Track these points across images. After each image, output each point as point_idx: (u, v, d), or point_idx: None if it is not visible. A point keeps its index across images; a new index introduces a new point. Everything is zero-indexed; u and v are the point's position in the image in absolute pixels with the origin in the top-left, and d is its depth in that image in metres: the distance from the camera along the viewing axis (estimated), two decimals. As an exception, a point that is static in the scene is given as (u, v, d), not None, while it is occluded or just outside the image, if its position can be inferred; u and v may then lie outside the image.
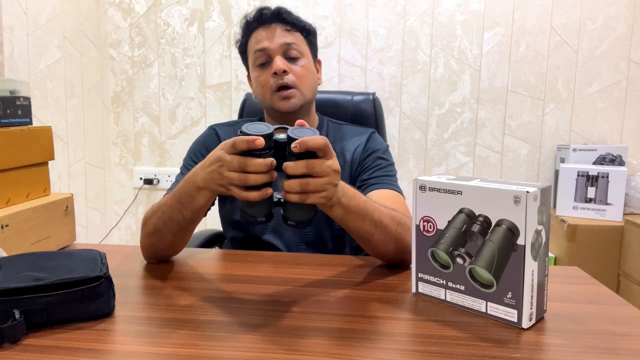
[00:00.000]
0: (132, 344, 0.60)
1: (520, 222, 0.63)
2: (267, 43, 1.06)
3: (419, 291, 0.77)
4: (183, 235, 0.91)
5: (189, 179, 0.81)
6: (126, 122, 2.30)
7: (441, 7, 2.11)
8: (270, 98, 1.07)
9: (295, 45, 1.07)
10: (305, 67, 1.08)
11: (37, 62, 1.81)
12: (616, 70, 2.08)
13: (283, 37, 1.06)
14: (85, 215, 2.15)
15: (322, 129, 1.17)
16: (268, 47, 1.05)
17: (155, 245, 0.91)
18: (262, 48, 1.06)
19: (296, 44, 1.07)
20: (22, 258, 0.73)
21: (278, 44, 1.05)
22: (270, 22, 1.07)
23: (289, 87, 1.05)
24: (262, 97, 1.10)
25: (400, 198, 1.05)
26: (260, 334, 0.63)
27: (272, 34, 1.06)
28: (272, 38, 1.06)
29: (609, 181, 1.89)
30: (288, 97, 1.05)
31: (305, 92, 1.08)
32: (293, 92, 1.05)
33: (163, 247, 0.92)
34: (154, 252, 0.93)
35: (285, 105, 1.05)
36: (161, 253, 0.93)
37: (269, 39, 1.06)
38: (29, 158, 1.07)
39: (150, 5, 2.21)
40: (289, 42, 1.06)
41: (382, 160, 1.11)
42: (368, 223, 0.83)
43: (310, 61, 1.11)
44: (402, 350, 0.59)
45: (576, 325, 0.67)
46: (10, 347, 0.59)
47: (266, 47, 1.05)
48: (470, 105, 2.15)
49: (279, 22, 1.07)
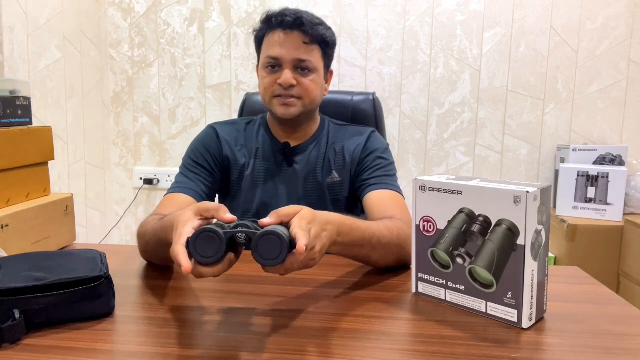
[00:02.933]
0: (132, 344, 0.60)
1: (520, 222, 0.63)
2: (281, 52, 1.04)
3: (419, 291, 0.77)
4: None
5: (169, 222, 0.73)
6: (126, 122, 2.30)
7: (441, 7, 2.11)
8: (269, 101, 1.08)
9: (309, 62, 1.05)
10: (314, 82, 1.07)
11: (37, 62, 1.81)
12: (616, 70, 2.08)
13: (298, 51, 1.04)
14: (85, 215, 2.15)
15: (324, 130, 1.17)
16: (281, 56, 1.04)
17: (152, 260, 0.91)
18: (275, 57, 1.04)
19: (310, 61, 1.05)
20: (22, 258, 0.73)
21: (291, 57, 1.04)
22: (291, 29, 1.04)
23: (293, 97, 1.05)
24: (262, 96, 1.10)
25: (399, 198, 1.04)
26: (261, 334, 0.63)
27: (289, 43, 1.04)
28: (288, 48, 1.04)
29: (609, 181, 1.89)
30: (288, 104, 1.05)
31: (308, 103, 1.07)
32: (294, 101, 1.05)
33: (160, 263, 0.90)
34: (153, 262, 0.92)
35: (284, 112, 1.06)
36: (161, 265, 0.91)
37: (284, 48, 1.04)
38: (29, 158, 1.07)
39: (150, 5, 2.21)
40: (304, 58, 1.04)
41: (382, 160, 1.11)
42: (367, 249, 0.81)
43: (320, 76, 1.10)
44: (402, 350, 0.59)
45: (576, 325, 0.67)
46: (10, 347, 0.59)
47: (279, 56, 1.04)
48: (470, 105, 2.15)
49: (299, 31, 1.04)
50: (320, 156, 1.14)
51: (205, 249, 0.59)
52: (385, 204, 1.01)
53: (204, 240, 0.59)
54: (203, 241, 0.59)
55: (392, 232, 0.84)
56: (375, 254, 0.83)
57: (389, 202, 1.01)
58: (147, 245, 0.86)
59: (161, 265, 0.90)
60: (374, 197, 1.04)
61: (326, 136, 1.16)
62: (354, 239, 0.77)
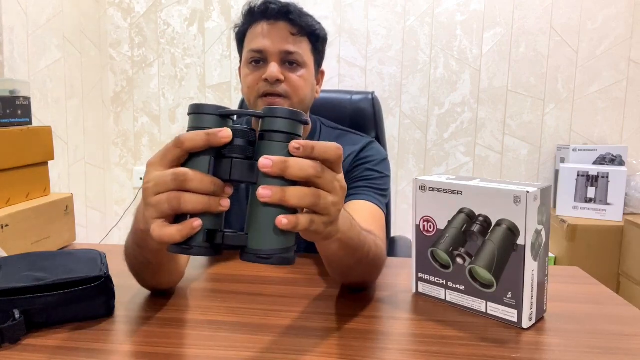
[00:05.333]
0: (132, 344, 0.60)
1: (520, 222, 0.63)
2: (266, 43, 0.91)
3: (419, 291, 0.77)
4: (164, 276, 0.72)
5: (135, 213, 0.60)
6: (126, 122, 2.30)
7: (441, 7, 2.11)
8: (254, 102, 0.94)
9: (297, 55, 0.93)
10: (303, 78, 0.94)
11: (37, 62, 1.81)
12: (616, 70, 2.08)
13: (285, 43, 0.92)
14: (85, 215, 2.15)
15: (315, 135, 1.04)
16: (266, 49, 0.91)
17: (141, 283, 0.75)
18: (259, 49, 0.92)
19: (299, 54, 0.93)
20: (22, 258, 0.73)
21: (278, 49, 0.91)
22: (276, 19, 0.92)
23: (280, 95, 0.92)
24: (246, 98, 0.97)
25: (378, 214, 0.90)
26: (260, 334, 0.63)
27: (275, 34, 0.92)
28: (274, 39, 0.91)
29: (609, 181, 1.89)
30: (274, 105, 0.90)
31: (297, 103, 0.94)
32: (281, 102, 0.92)
33: (150, 287, 0.76)
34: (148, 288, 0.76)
35: None
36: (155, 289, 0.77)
37: (270, 39, 0.91)
38: (29, 158, 1.07)
39: (150, 5, 2.21)
40: (291, 51, 0.92)
41: (372, 172, 0.98)
42: (357, 257, 0.67)
43: (311, 72, 0.97)
44: (402, 350, 0.59)
45: (576, 325, 0.67)
46: (10, 347, 0.58)
47: (264, 49, 0.91)
48: (470, 105, 2.15)
49: (286, 21, 0.92)
50: None
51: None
52: (361, 216, 0.80)
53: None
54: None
55: (377, 247, 0.73)
56: (360, 267, 0.70)
57: (367, 215, 0.86)
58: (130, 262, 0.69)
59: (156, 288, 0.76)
60: (350, 207, 0.88)
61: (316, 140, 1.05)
62: (352, 239, 0.62)
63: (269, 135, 0.47)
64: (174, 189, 0.47)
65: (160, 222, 0.47)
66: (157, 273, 0.70)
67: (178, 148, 0.47)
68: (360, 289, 0.78)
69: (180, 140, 0.47)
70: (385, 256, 0.80)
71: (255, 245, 0.46)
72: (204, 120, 0.48)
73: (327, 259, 0.67)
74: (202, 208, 0.47)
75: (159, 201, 0.47)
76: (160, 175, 0.47)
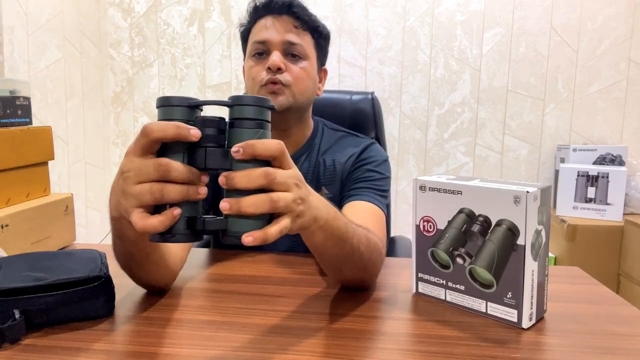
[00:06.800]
0: (132, 344, 0.60)
1: (520, 222, 0.63)
2: (269, 34, 0.93)
3: (419, 291, 0.77)
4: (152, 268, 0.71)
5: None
6: (126, 122, 2.30)
7: (441, 7, 2.11)
8: (257, 93, 0.93)
9: (299, 47, 0.94)
10: (305, 70, 0.95)
11: (37, 62, 1.81)
12: (616, 70, 2.08)
13: (288, 34, 0.93)
14: (85, 215, 2.15)
15: (316, 138, 1.05)
16: (269, 39, 0.93)
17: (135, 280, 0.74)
18: (263, 40, 0.93)
19: (301, 46, 0.94)
20: (22, 258, 0.73)
21: (281, 39, 0.93)
22: (279, 13, 0.94)
23: (281, 84, 0.92)
24: (250, 91, 0.97)
25: (379, 215, 0.91)
26: (260, 334, 0.63)
27: (278, 26, 0.93)
28: (277, 31, 0.93)
29: (609, 181, 1.89)
30: (275, 92, 0.92)
31: (298, 95, 0.94)
32: (281, 88, 0.92)
33: (144, 283, 0.75)
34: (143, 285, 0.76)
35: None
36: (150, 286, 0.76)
37: (273, 31, 0.93)
38: (29, 158, 1.07)
39: (150, 5, 2.21)
40: (294, 42, 0.93)
41: (373, 173, 0.98)
42: (346, 250, 0.67)
43: (313, 66, 0.98)
44: (402, 350, 0.59)
45: (576, 325, 0.67)
46: (10, 347, 0.58)
47: (267, 39, 0.93)
48: (470, 105, 2.15)
49: (289, 14, 0.94)
50: (310, 169, 1.02)
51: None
52: (362, 216, 0.84)
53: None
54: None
55: (369, 241, 0.73)
56: (350, 262, 0.70)
57: (367, 216, 0.87)
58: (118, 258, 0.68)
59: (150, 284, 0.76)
60: (350, 207, 0.90)
61: (318, 145, 1.04)
62: (339, 228, 0.63)
63: (238, 122, 0.51)
64: (156, 179, 0.48)
65: (141, 213, 0.48)
66: (143, 265, 0.69)
67: (145, 137, 0.48)
68: (360, 289, 0.79)
69: (146, 130, 0.48)
70: (384, 253, 0.80)
71: (234, 228, 0.49)
72: (172, 112, 0.50)
73: (316, 251, 0.68)
74: (182, 198, 0.48)
75: (140, 191, 0.48)
76: (140, 165, 0.48)
